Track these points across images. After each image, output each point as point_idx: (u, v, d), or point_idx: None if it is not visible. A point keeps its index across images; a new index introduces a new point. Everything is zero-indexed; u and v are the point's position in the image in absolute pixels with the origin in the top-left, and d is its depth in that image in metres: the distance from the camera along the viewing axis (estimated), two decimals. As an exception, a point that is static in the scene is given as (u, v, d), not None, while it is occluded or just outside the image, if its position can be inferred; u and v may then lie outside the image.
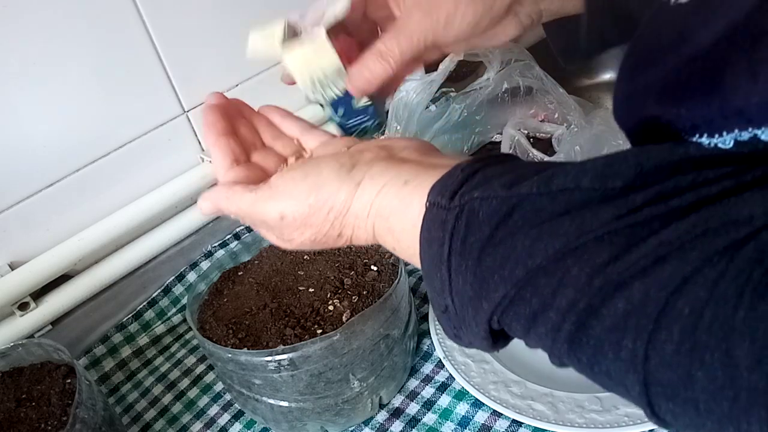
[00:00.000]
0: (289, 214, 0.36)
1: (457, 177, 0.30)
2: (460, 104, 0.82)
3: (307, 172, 0.36)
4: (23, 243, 0.67)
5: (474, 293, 0.28)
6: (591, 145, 0.70)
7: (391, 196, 0.33)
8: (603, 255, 0.23)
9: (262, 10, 0.78)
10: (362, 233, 0.35)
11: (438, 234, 0.29)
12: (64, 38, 0.63)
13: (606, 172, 0.25)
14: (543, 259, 0.25)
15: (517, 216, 0.26)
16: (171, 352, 0.74)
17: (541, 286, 0.25)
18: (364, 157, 0.36)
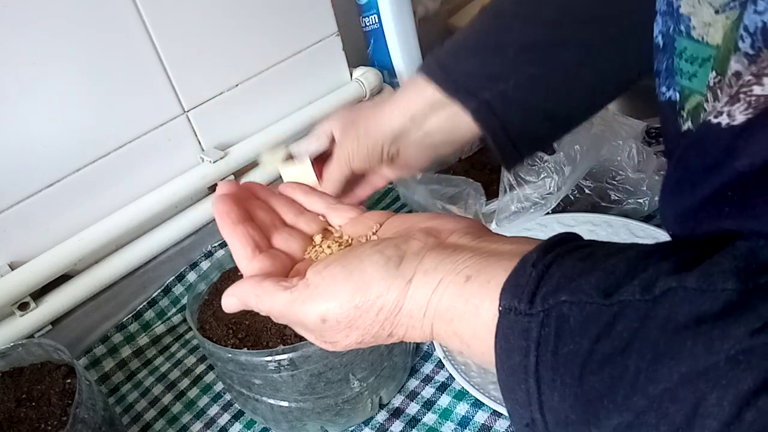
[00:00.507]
0: (332, 318, 0.32)
1: (531, 275, 0.27)
2: (460, 104, 0.81)
3: (350, 268, 0.32)
4: (23, 243, 0.67)
5: (577, 417, 0.25)
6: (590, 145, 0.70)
7: (453, 297, 0.29)
8: (746, 381, 0.20)
9: (261, 11, 0.78)
10: (417, 333, 0.32)
11: (520, 343, 0.26)
12: (64, 38, 0.63)
13: (712, 270, 0.23)
14: (667, 384, 0.22)
15: (621, 326, 0.23)
16: (171, 352, 0.74)
17: (670, 413, 0.22)
18: (412, 247, 0.32)
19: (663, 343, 0.22)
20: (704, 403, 0.21)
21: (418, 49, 0.94)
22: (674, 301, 0.23)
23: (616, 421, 0.23)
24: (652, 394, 0.22)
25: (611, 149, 0.71)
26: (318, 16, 0.84)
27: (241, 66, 0.78)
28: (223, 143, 0.80)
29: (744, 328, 0.21)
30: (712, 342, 0.21)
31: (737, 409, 0.20)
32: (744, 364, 0.20)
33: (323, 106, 0.87)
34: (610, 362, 0.23)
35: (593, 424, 0.24)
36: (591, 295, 0.25)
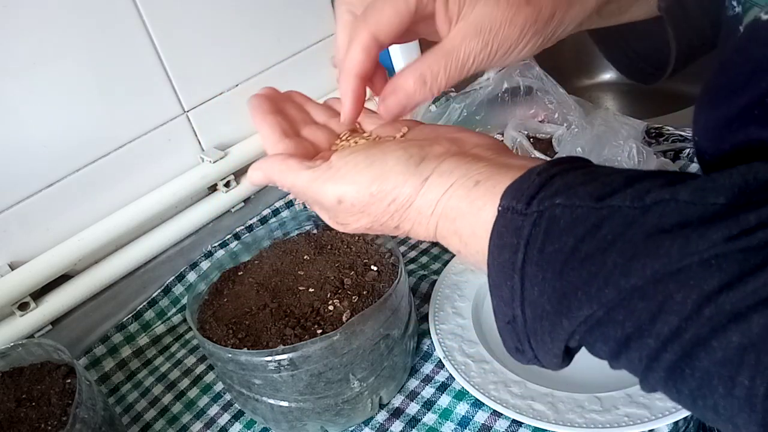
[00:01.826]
0: (348, 200, 0.34)
1: (533, 181, 0.28)
2: (460, 104, 0.82)
3: (373, 158, 0.34)
4: (23, 243, 0.67)
5: (552, 308, 0.26)
6: (592, 146, 0.70)
7: (460, 198, 0.31)
8: (712, 281, 0.21)
9: (261, 11, 0.78)
10: (422, 230, 0.33)
11: (511, 240, 0.27)
12: (64, 38, 0.63)
13: (706, 185, 0.23)
14: (639, 280, 0.23)
15: (607, 229, 0.24)
16: (171, 352, 0.74)
17: (637, 309, 0.23)
18: (434, 150, 0.34)
19: (642, 243, 0.23)
20: (670, 301, 0.22)
21: (418, 49, 0.94)
22: (664, 212, 0.23)
23: (586, 313, 0.24)
24: (623, 288, 0.23)
25: (612, 149, 0.71)
26: (318, 16, 0.84)
27: (241, 66, 0.78)
28: (223, 143, 0.80)
29: (721, 234, 0.21)
30: (688, 243, 0.22)
31: (698, 305, 0.21)
32: (714, 267, 0.21)
33: (323, 106, 0.87)
34: (590, 259, 0.24)
35: (564, 314, 0.25)
36: (584, 199, 0.25)
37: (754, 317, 0.20)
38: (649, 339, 0.23)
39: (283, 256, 0.65)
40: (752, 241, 0.21)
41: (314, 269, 0.62)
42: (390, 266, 0.60)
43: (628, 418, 0.51)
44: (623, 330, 0.24)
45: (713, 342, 0.21)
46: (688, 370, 0.22)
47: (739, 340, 0.20)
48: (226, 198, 0.80)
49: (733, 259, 0.21)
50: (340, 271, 0.60)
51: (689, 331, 0.22)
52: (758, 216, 0.21)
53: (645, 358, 0.23)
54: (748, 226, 0.21)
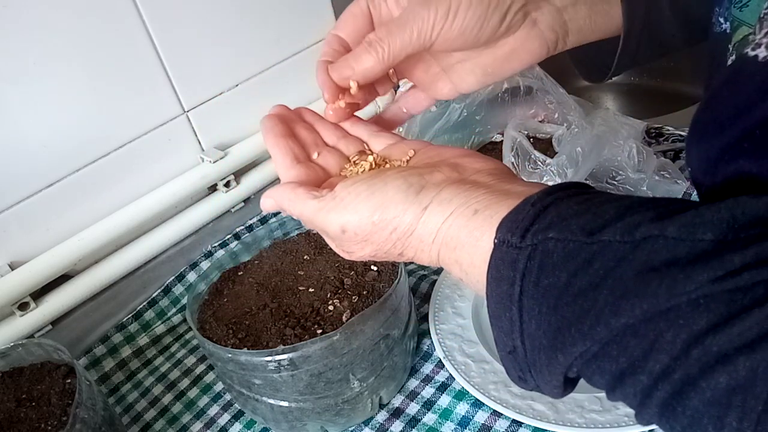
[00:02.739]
0: (351, 229, 0.35)
1: (528, 212, 0.28)
2: (459, 104, 0.81)
3: (374, 188, 0.35)
4: (23, 243, 0.67)
5: (548, 343, 0.27)
6: (592, 146, 0.70)
7: (459, 227, 0.32)
8: (700, 322, 0.22)
9: (261, 11, 0.78)
10: (425, 256, 0.34)
11: (508, 273, 0.28)
12: (64, 38, 0.63)
13: (695, 221, 0.23)
14: (630, 318, 0.23)
15: (598, 264, 0.25)
16: (171, 352, 0.74)
17: (630, 346, 0.24)
18: (434, 178, 0.35)
19: (632, 281, 0.24)
20: (661, 340, 0.22)
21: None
22: (653, 248, 0.24)
23: (580, 349, 0.25)
24: (613, 327, 0.24)
25: (612, 149, 0.71)
26: (318, 16, 0.84)
27: (241, 66, 0.78)
28: (223, 143, 0.80)
29: (707, 275, 0.22)
30: (675, 284, 0.22)
31: (687, 345, 0.22)
32: (703, 307, 0.22)
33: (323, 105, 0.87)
34: (583, 295, 0.25)
35: (560, 349, 0.26)
36: (575, 234, 0.26)
37: (740, 359, 0.21)
38: (641, 376, 0.23)
39: (283, 256, 0.65)
40: (738, 282, 0.22)
41: (314, 269, 0.62)
42: (390, 266, 0.60)
43: (628, 418, 0.51)
44: (618, 365, 0.24)
45: (702, 383, 0.22)
46: (680, 408, 0.23)
47: (727, 381, 0.21)
48: (226, 198, 0.80)
49: (720, 300, 0.22)
50: (340, 271, 0.60)
51: (678, 371, 0.22)
52: (742, 257, 0.22)
53: (639, 393, 0.24)
54: (733, 268, 0.22)
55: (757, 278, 0.21)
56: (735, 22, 0.32)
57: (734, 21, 0.32)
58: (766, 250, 0.22)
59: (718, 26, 0.35)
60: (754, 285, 0.21)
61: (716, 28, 0.35)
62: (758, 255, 0.22)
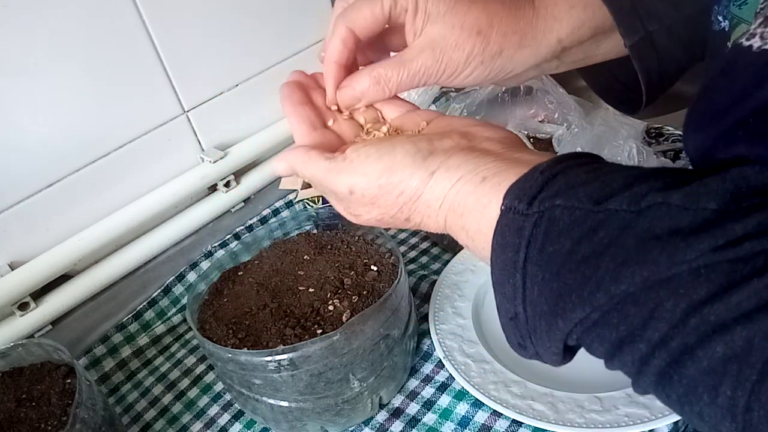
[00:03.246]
0: (358, 191, 0.35)
1: (536, 180, 0.28)
2: (460, 104, 0.81)
3: (383, 151, 0.35)
4: (23, 243, 0.67)
5: (549, 309, 0.27)
6: (592, 146, 0.70)
7: (467, 193, 0.32)
8: (700, 291, 0.22)
9: (261, 11, 0.78)
10: (432, 223, 0.34)
11: (513, 240, 0.28)
12: (64, 38, 0.63)
13: (699, 190, 0.23)
14: (630, 286, 0.23)
15: (603, 233, 0.25)
16: (171, 352, 0.74)
17: (630, 314, 0.24)
18: (443, 144, 0.35)
19: (633, 249, 0.24)
20: (660, 308, 0.23)
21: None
22: (657, 215, 0.24)
23: (580, 315, 0.25)
24: (614, 294, 0.24)
25: (612, 149, 0.71)
26: (318, 16, 0.84)
27: (241, 66, 0.78)
28: (223, 143, 0.80)
29: (708, 244, 0.22)
30: (676, 252, 0.22)
31: (686, 314, 0.22)
32: (704, 277, 0.22)
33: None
34: (585, 262, 0.25)
35: (560, 315, 0.26)
36: (582, 202, 0.26)
37: (737, 329, 0.21)
38: (640, 344, 0.24)
39: (283, 256, 0.65)
40: (739, 252, 0.22)
41: (314, 269, 0.62)
42: (390, 266, 0.60)
43: (628, 418, 0.51)
44: (617, 333, 0.24)
45: (699, 351, 0.22)
46: (676, 376, 0.23)
47: (723, 351, 0.21)
48: (226, 198, 0.80)
49: (721, 269, 0.22)
50: (340, 271, 0.60)
51: (676, 339, 0.22)
52: (744, 227, 0.22)
53: (637, 361, 0.24)
54: (735, 237, 0.22)
55: (758, 248, 0.21)
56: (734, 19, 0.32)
57: (733, 18, 0.33)
58: (766, 220, 0.22)
59: (716, 24, 0.35)
60: (755, 255, 0.21)
61: (715, 26, 0.35)
62: (760, 224, 0.22)
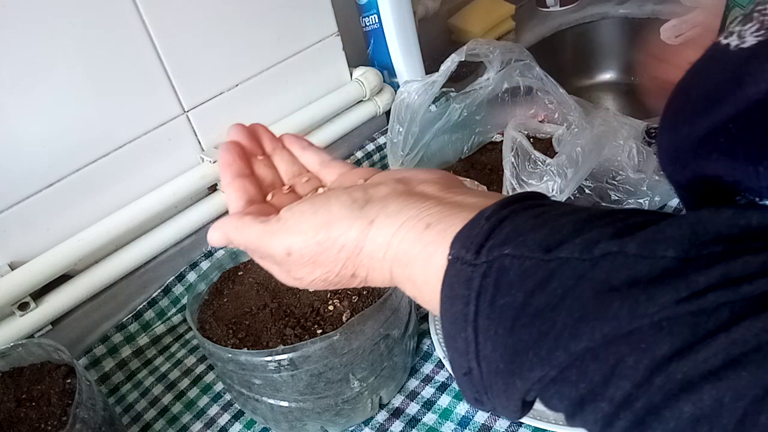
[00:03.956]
0: (296, 251, 0.33)
1: (482, 227, 0.27)
2: (460, 104, 0.81)
3: (317, 206, 0.34)
4: (23, 243, 0.67)
5: (505, 367, 0.25)
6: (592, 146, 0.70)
7: (411, 241, 0.30)
8: (663, 346, 0.21)
9: (261, 11, 0.78)
10: (378, 275, 0.33)
11: (462, 292, 0.27)
12: (63, 38, 0.63)
13: (656, 237, 0.22)
14: (590, 343, 0.22)
15: (556, 284, 0.24)
16: (171, 352, 0.74)
17: (590, 370, 0.22)
18: (379, 191, 0.33)
19: (591, 302, 0.22)
20: (622, 365, 0.21)
21: (418, 49, 0.94)
22: (613, 265, 0.22)
23: (538, 374, 0.24)
24: (573, 351, 0.23)
25: (612, 149, 0.71)
26: (318, 16, 0.84)
27: (241, 66, 0.78)
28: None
29: (671, 296, 0.21)
30: (637, 306, 0.21)
31: (649, 372, 0.21)
32: (666, 330, 0.21)
33: (323, 106, 0.87)
34: (540, 316, 0.24)
35: (517, 375, 0.25)
36: (533, 250, 0.25)
37: (705, 388, 0.20)
38: (602, 402, 0.22)
39: (283, 256, 0.65)
40: (703, 304, 0.20)
41: (314, 269, 0.62)
42: (390, 266, 0.60)
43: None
44: (577, 390, 0.23)
45: (666, 412, 0.20)
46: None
47: (691, 411, 0.20)
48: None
49: (684, 322, 0.21)
50: (340, 271, 0.60)
51: (641, 399, 0.21)
52: (707, 278, 0.21)
53: (600, 420, 0.23)
54: (698, 289, 0.21)
55: (722, 299, 0.20)
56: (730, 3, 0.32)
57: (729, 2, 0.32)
58: (730, 269, 0.21)
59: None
60: (719, 307, 0.20)
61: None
62: (723, 275, 0.21)
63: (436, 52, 1.00)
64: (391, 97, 0.93)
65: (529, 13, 1.28)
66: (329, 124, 0.89)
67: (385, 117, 0.95)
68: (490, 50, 0.79)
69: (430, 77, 0.78)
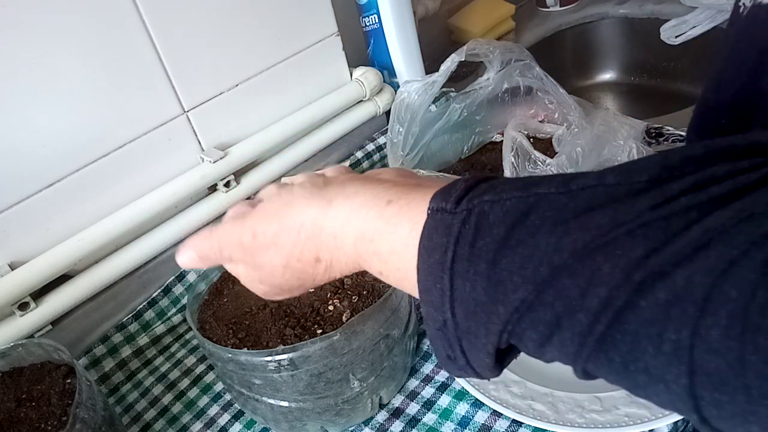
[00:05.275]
0: (259, 231, 0.35)
1: (461, 186, 0.28)
2: (460, 104, 0.82)
3: (282, 193, 0.36)
4: (23, 243, 0.67)
5: (488, 297, 0.26)
6: (592, 146, 0.70)
7: (374, 218, 0.31)
8: (638, 249, 0.22)
9: (261, 11, 0.78)
10: (342, 256, 0.33)
11: (441, 240, 0.27)
12: (63, 38, 0.63)
13: (630, 168, 0.24)
14: (569, 256, 0.23)
15: (536, 216, 0.25)
16: (171, 352, 0.74)
17: (565, 287, 0.23)
18: (339, 178, 0.36)
19: (573, 221, 0.24)
20: (598, 273, 0.22)
21: (418, 49, 0.94)
22: (593, 194, 0.24)
23: (522, 295, 0.24)
24: (555, 264, 0.23)
25: (612, 149, 0.71)
26: (318, 16, 0.84)
27: (241, 66, 0.78)
28: (223, 143, 0.80)
29: (647, 203, 0.22)
30: (616, 215, 0.23)
31: (625, 274, 0.22)
32: (640, 236, 0.22)
33: (323, 106, 0.87)
34: (523, 244, 0.25)
35: (501, 301, 0.25)
36: (511, 192, 0.26)
37: (677, 272, 0.21)
38: (579, 314, 0.23)
39: (283, 256, 0.65)
40: (675, 207, 0.22)
41: (314, 269, 0.62)
42: (390, 266, 0.60)
43: (628, 418, 0.51)
44: (553, 311, 0.24)
45: (641, 302, 0.21)
46: (618, 335, 0.22)
47: (665, 296, 0.21)
48: (226, 198, 0.80)
49: (657, 226, 0.22)
50: (340, 271, 0.60)
51: (620, 299, 0.22)
52: (681, 185, 0.22)
53: (577, 335, 0.23)
54: (672, 195, 0.22)
55: (693, 202, 0.22)
56: None
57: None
58: (702, 177, 0.22)
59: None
60: (689, 209, 0.22)
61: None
62: (693, 182, 0.22)
63: (436, 52, 1.00)
64: (391, 97, 0.93)
65: (529, 13, 1.28)
66: (329, 124, 0.89)
67: (385, 117, 0.95)
68: (490, 50, 0.79)
69: (430, 77, 0.78)
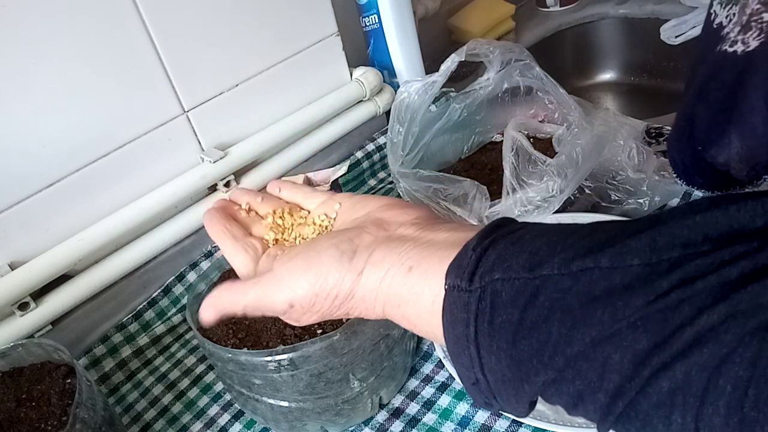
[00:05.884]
0: (297, 303, 0.37)
1: (470, 258, 0.31)
2: (460, 104, 0.81)
3: (310, 261, 0.38)
4: (23, 243, 0.67)
5: (513, 375, 0.30)
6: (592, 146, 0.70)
7: (399, 285, 0.34)
8: (641, 342, 0.25)
9: (261, 11, 0.78)
10: (371, 314, 0.37)
11: (462, 315, 0.31)
12: (63, 38, 0.63)
13: (623, 251, 0.27)
14: (581, 347, 0.27)
15: (544, 298, 0.28)
16: (171, 352, 0.74)
17: (583, 370, 0.27)
18: (364, 240, 0.37)
19: (579, 312, 0.27)
20: (610, 361, 0.26)
21: (418, 49, 0.94)
22: (591, 279, 0.27)
23: (543, 378, 0.29)
24: (569, 355, 0.27)
25: (612, 149, 0.71)
26: (318, 16, 0.84)
27: (241, 66, 0.78)
28: (223, 143, 0.80)
29: (642, 299, 0.25)
30: (616, 311, 0.26)
31: (635, 366, 0.25)
32: (641, 328, 0.25)
33: (323, 106, 0.87)
34: (536, 329, 0.28)
35: (525, 380, 0.29)
36: (518, 272, 0.29)
37: (677, 366, 0.24)
38: (599, 394, 0.27)
39: (283, 256, 0.65)
40: (667, 302, 0.25)
41: (314, 269, 0.62)
42: (390, 266, 0.60)
43: (628, 418, 0.51)
44: (575, 387, 0.28)
45: (649, 389, 0.25)
46: (633, 413, 0.26)
47: (668, 385, 0.24)
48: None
49: (655, 320, 0.25)
50: (340, 271, 0.60)
51: (632, 388, 0.26)
52: (669, 282, 0.25)
53: (599, 410, 0.27)
54: (662, 291, 0.25)
55: (682, 296, 0.25)
56: None
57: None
58: (686, 272, 0.25)
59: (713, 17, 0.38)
60: (680, 303, 0.25)
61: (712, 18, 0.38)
62: (680, 278, 0.25)
63: (436, 52, 1.00)
64: (391, 97, 0.93)
65: (529, 13, 1.28)
66: (329, 124, 0.89)
67: (385, 117, 0.95)
68: (490, 50, 0.79)
69: (430, 77, 0.78)
